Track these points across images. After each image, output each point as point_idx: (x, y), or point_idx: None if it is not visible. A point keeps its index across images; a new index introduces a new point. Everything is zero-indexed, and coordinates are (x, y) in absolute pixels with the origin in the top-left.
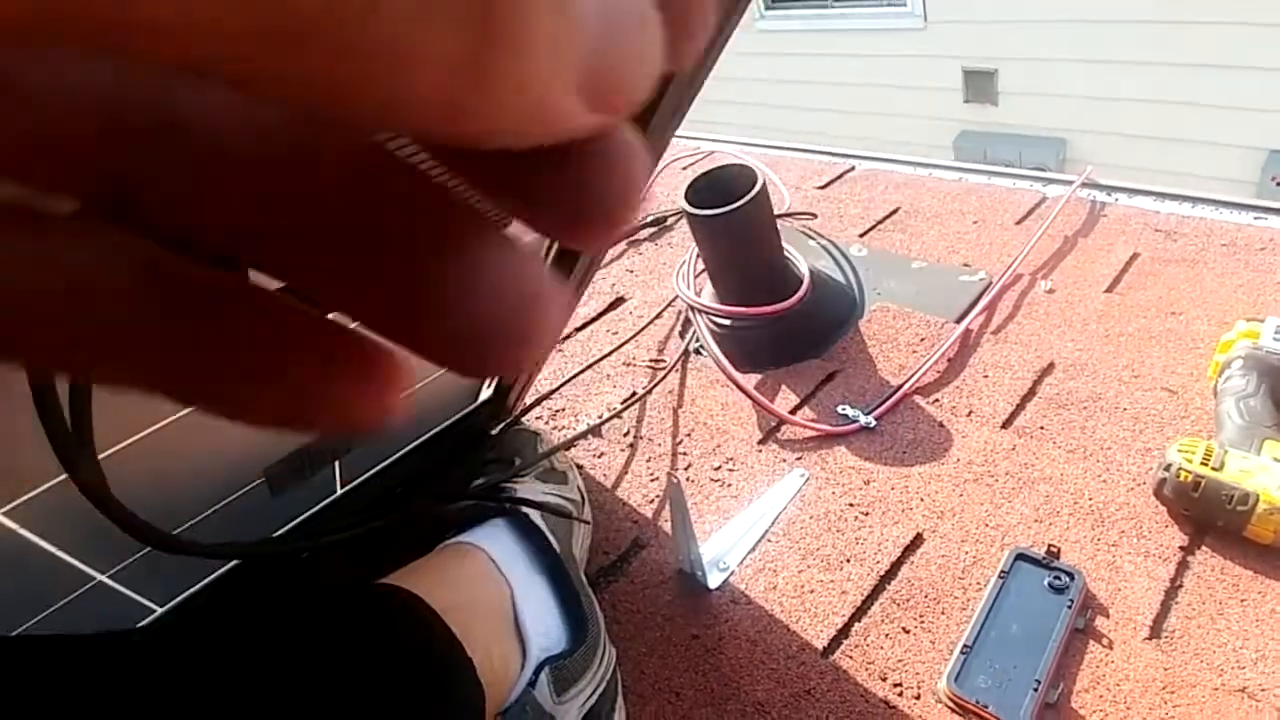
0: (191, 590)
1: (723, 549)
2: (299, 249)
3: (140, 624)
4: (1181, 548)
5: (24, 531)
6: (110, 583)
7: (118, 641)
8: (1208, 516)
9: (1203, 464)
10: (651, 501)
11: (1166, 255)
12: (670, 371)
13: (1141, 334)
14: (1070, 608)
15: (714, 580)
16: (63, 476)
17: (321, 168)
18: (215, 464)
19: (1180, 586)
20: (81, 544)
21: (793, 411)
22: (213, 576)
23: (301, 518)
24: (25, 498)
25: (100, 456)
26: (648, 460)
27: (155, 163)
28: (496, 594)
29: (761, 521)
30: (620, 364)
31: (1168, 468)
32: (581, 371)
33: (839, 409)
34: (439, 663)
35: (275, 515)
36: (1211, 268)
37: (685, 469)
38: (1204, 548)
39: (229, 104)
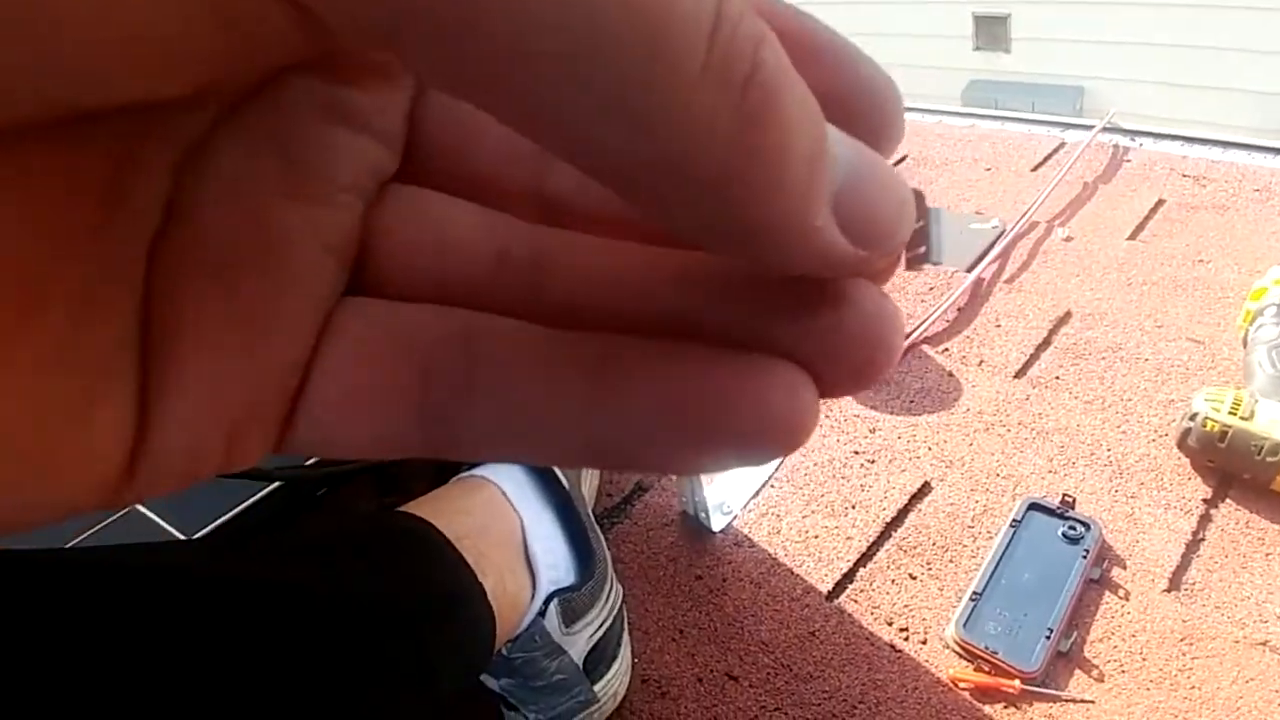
0: (217, 523)
1: (725, 493)
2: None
3: None
4: (1205, 500)
5: None
6: (142, 508)
7: (158, 554)
8: (1234, 468)
9: (1231, 413)
10: None
11: (1194, 201)
12: None
13: (1166, 282)
14: (1085, 558)
15: (717, 523)
16: None
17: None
18: None
19: (1202, 539)
20: None
21: None
22: (238, 509)
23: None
24: None
25: None
26: None
27: (548, 278)
28: (507, 524)
29: (765, 467)
30: None
31: (1193, 417)
32: None
33: None
34: (451, 585)
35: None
36: (1243, 214)
37: None
38: (1229, 500)
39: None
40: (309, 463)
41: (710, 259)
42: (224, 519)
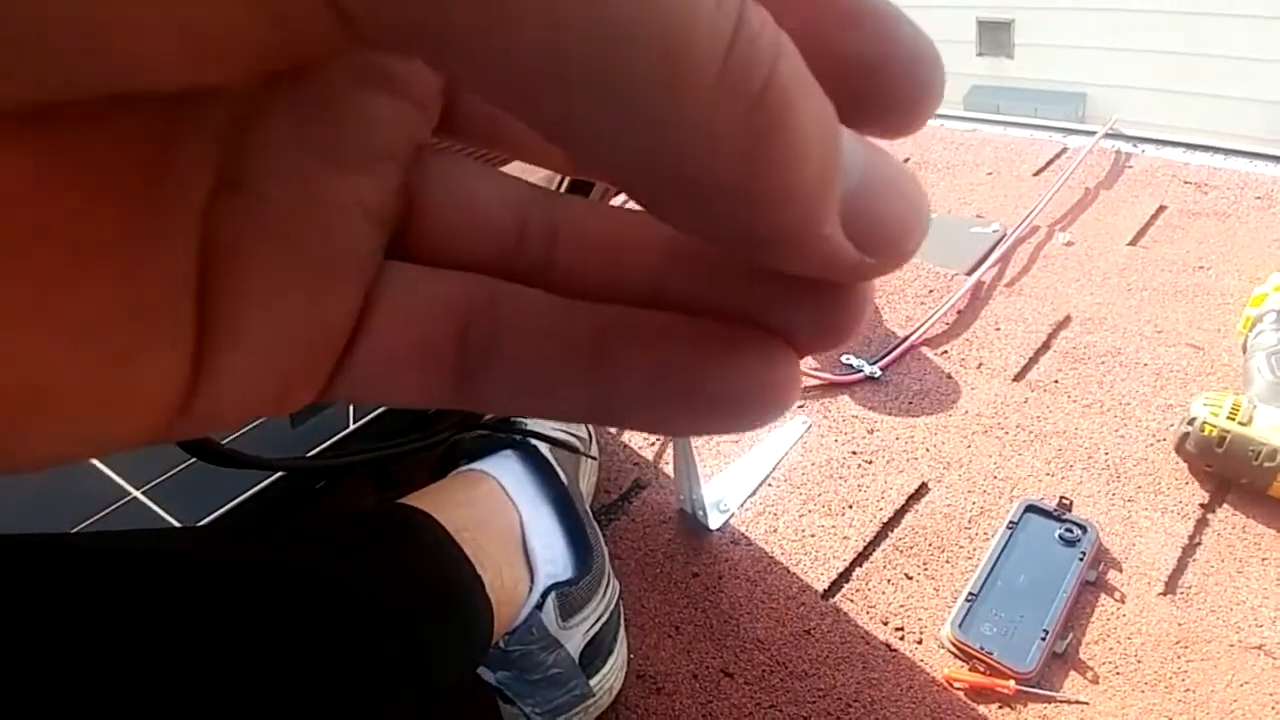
0: (218, 513)
1: (723, 491)
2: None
3: None
4: (1202, 505)
5: None
6: (143, 499)
7: (158, 539)
8: (1232, 473)
9: (1230, 418)
10: (653, 444)
11: (1196, 208)
12: None
13: (1166, 288)
14: (1081, 560)
15: (714, 521)
16: None
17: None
18: None
19: (1199, 544)
20: (122, 457)
21: None
22: (238, 500)
23: (321, 448)
24: None
25: None
26: None
27: (562, 252)
28: (506, 519)
29: (762, 466)
30: None
31: (1191, 421)
32: None
33: (843, 358)
34: (450, 577)
35: (294, 446)
36: (1244, 221)
37: None
38: (1226, 505)
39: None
40: (309, 454)
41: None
42: (225, 510)
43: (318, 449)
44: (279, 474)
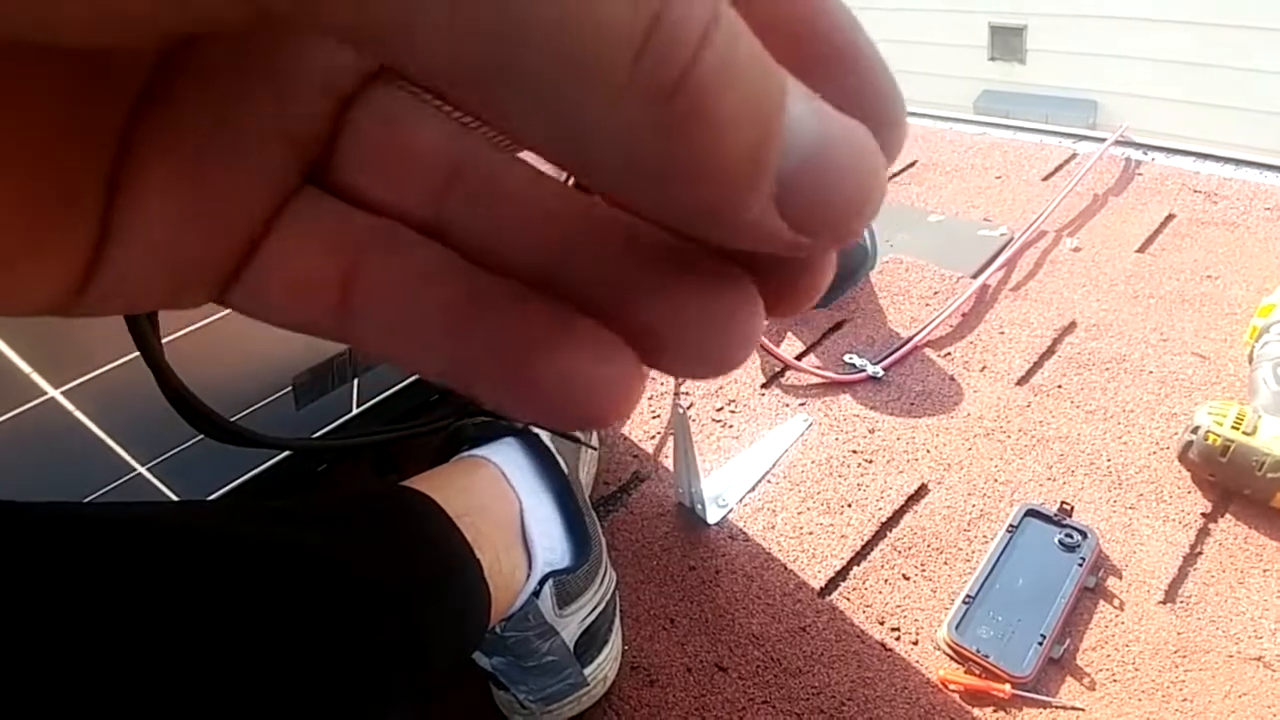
0: (220, 492)
1: (722, 486)
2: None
3: None
4: (1204, 514)
5: (78, 413)
6: (148, 475)
7: (158, 511)
8: (1235, 483)
9: (1234, 428)
10: (653, 438)
11: (1205, 217)
12: None
13: (1173, 296)
14: (1081, 566)
15: (713, 515)
16: (122, 359)
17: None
18: (247, 370)
19: (1200, 553)
20: (129, 431)
21: (798, 358)
22: (241, 479)
23: (324, 430)
24: (85, 378)
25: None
26: (650, 398)
27: (474, 208)
28: (506, 505)
29: (762, 463)
30: None
31: (1195, 430)
32: None
33: (846, 358)
34: (449, 559)
35: (298, 428)
36: (1253, 232)
37: (687, 409)
38: (1228, 515)
39: (530, 178)
40: (315, 435)
41: (611, 220)
42: (227, 489)
43: (321, 431)
44: (282, 455)
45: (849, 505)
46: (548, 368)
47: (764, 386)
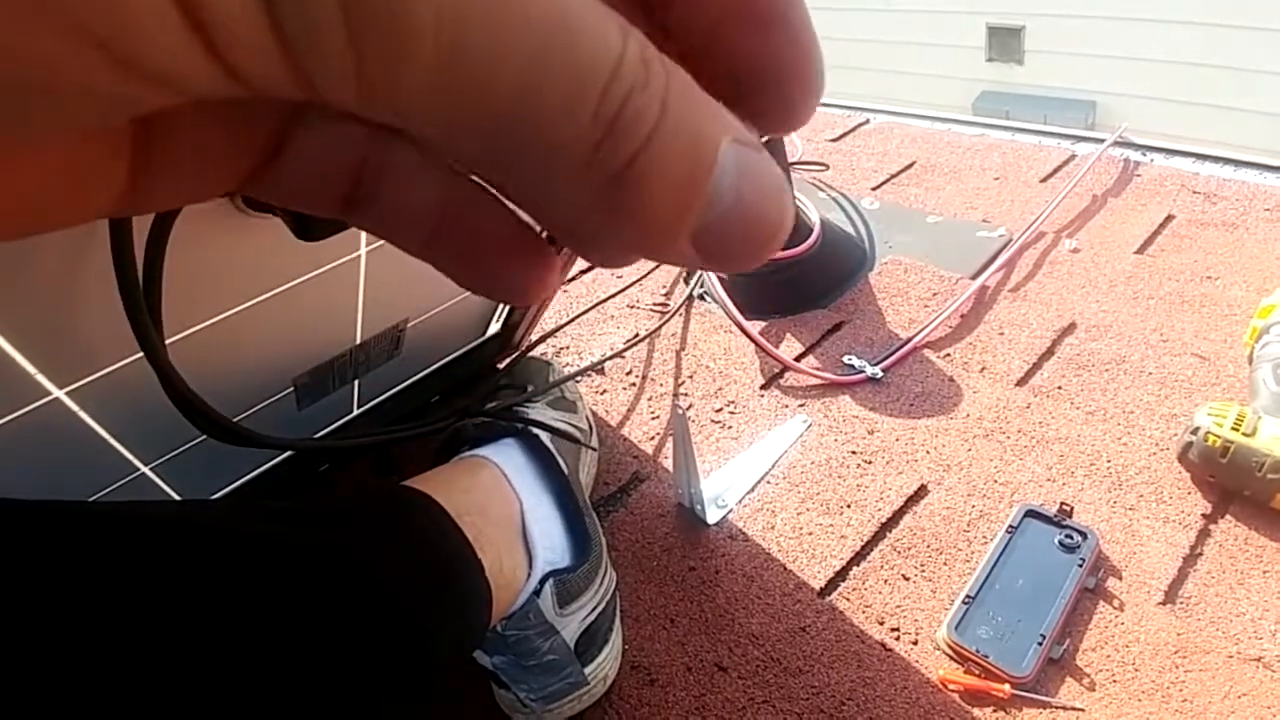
0: (223, 492)
1: (721, 487)
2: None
3: None
4: (1204, 515)
5: (82, 414)
6: (151, 474)
7: (162, 508)
8: (1235, 484)
9: (1234, 429)
10: (652, 439)
11: (1204, 218)
12: (674, 315)
13: (1173, 297)
14: (1081, 566)
15: (712, 516)
16: (126, 360)
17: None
18: (249, 371)
19: (1200, 554)
20: (132, 432)
21: (797, 359)
22: (244, 479)
23: (326, 431)
24: (89, 379)
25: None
26: (649, 399)
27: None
28: (506, 505)
29: (761, 463)
30: (624, 306)
31: (1195, 431)
32: (586, 311)
33: (845, 359)
34: (450, 559)
35: (300, 429)
36: (1253, 233)
37: (687, 409)
38: (1228, 516)
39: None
40: (316, 436)
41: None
42: (230, 489)
43: (323, 432)
44: (283, 455)
45: (848, 506)
46: (503, 266)
47: (763, 388)
